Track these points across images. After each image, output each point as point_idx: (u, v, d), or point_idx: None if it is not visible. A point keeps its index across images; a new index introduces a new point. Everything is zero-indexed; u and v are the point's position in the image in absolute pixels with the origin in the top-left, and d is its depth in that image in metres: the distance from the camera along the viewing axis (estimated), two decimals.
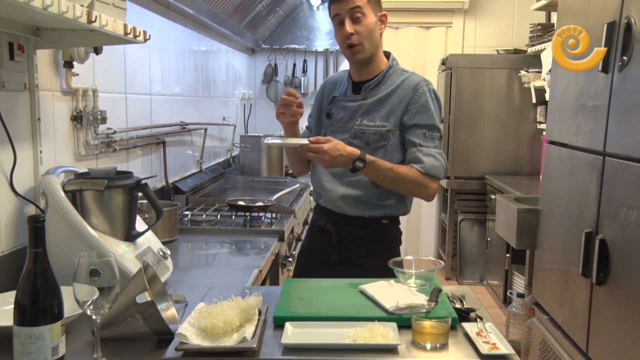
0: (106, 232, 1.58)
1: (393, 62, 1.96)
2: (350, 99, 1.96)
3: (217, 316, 1.23)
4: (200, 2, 2.94)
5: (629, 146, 1.68)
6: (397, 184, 1.87)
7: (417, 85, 1.89)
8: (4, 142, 1.52)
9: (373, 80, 1.93)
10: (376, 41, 1.89)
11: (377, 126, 1.90)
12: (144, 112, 2.58)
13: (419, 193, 1.91)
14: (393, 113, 1.89)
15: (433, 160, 1.86)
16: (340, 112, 1.97)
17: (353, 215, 1.93)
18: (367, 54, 1.89)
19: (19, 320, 1.09)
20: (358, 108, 1.93)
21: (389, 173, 1.83)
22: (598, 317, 1.83)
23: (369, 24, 1.84)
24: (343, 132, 1.94)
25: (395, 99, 1.89)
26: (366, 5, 1.83)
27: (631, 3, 1.68)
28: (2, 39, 1.51)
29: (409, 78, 1.92)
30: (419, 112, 1.87)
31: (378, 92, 1.92)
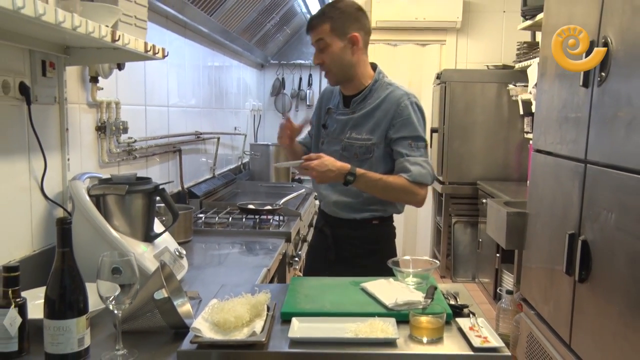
0: (127, 233, 1.58)
1: (379, 76, 1.93)
2: (341, 112, 1.96)
3: (229, 312, 1.23)
4: (214, 22, 2.95)
5: (608, 154, 1.68)
6: (388, 192, 1.86)
7: (399, 99, 1.86)
8: (36, 150, 1.53)
9: (360, 95, 1.91)
10: (347, 63, 1.86)
11: (363, 139, 1.89)
12: (162, 123, 2.59)
13: (409, 200, 1.90)
14: (378, 127, 1.87)
15: (420, 169, 1.83)
16: (333, 124, 1.98)
17: (345, 218, 1.95)
18: (339, 78, 1.90)
19: (48, 313, 1.10)
20: (348, 121, 1.93)
21: (379, 183, 1.82)
22: (580, 312, 1.82)
23: (333, 52, 1.83)
24: (335, 143, 1.95)
25: (380, 112, 1.87)
26: (328, 34, 1.82)
27: (608, 25, 1.68)
28: (36, 57, 1.52)
29: (393, 92, 1.89)
30: (403, 126, 1.85)
31: (365, 106, 1.90)
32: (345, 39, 1.83)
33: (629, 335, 1.52)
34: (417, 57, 4.98)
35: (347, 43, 1.84)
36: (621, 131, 1.60)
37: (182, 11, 2.51)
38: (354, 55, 1.86)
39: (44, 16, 1.10)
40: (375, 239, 1.96)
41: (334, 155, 1.88)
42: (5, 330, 1.12)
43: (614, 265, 1.62)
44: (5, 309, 1.12)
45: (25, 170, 1.51)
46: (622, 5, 1.61)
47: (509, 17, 4.79)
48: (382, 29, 4.86)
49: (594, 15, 1.77)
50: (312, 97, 5.11)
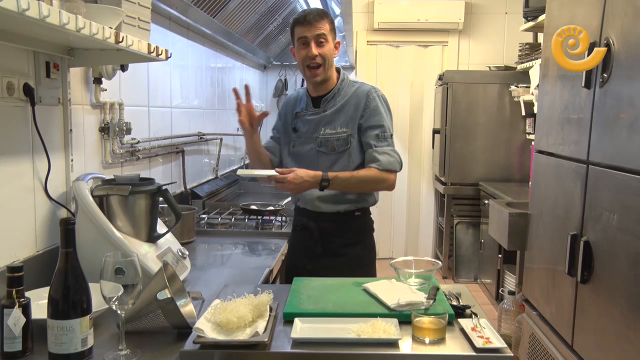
0: (130, 234, 1.59)
1: (344, 76, 2.06)
2: (312, 113, 2.05)
3: (232, 312, 1.23)
4: (217, 24, 2.96)
5: (610, 155, 1.68)
6: (362, 186, 1.98)
7: (368, 92, 2.00)
8: (40, 151, 1.53)
9: (329, 94, 2.02)
10: (331, 63, 2.01)
11: (339, 133, 1.99)
12: (164, 124, 2.59)
13: (382, 187, 2.02)
14: (351, 119, 1.98)
15: (388, 157, 1.96)
16: (305, 125, 2.05)
17: (330, 211, 2.02)
18: (325, 75, 2.00)
19: (52, 313, 1.10)
20: (320, 119, 2.02)
21: (351, 180, 1.94)
22: (582, 313, 1.82)
23: (329, 49, 1.97)
24: (310, 142, 2.03)
25: (351, 106, 1.99)
26: (329, 33, 1.96)
27: (610, 26, 1.68)
28: (40, 58, 1.53)
29: (360, 87, 2.03)
30: (371, 116, 1.97)
31: (335, 104, 2.01)
32: (334, 43, 2.01)
33: (631, 337, 1.52)
34: (419, 59, 4.98)
35: (334, 46, 2.00)
36: (623, 132, 1.59)
37: (185, 13, 2.52)
38: (333, 58, 2.02)
39: (49, 18, 1.11)
40: (359, 230, 2.07)
41: (310, 153, 2.02)
42: (10, 330, 1.13)
43: (616, 266, 1.61)
44: (10, 308, 1.13)
45: (29, 171, 1.52)
46: (624, 7, 1.61)
47: (511, 18, 4.79)
48: (384, 30, 4.86)
49: (596, 17, 1.76)
50: None
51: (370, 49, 4.97)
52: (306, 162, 2.01)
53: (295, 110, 2.09)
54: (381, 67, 4.99)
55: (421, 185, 5.13)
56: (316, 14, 1.95)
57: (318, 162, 2.00)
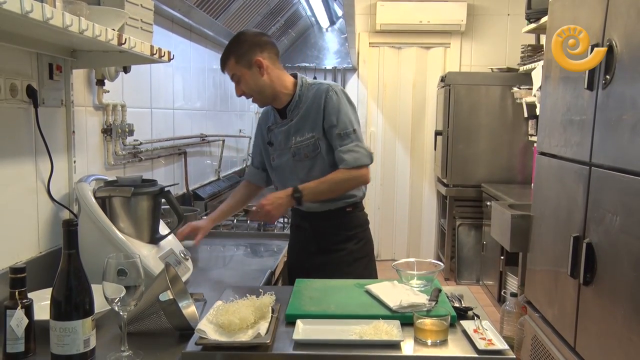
0: (132, 235, 1.59)
1: (301, 81, 2.04)
2: (280, 125, 2.04)
3: (234, 313, 1.23)
4: (220, 25, 2.96)
5: (613, 157, 1.68)
6: (335, 189, 1.96)
7: (325, 92, 1.96)
8: (42, 152, 1.54)
9: (291, 103, 2.00)
10: (262, 85, 1.95)
11: (307, 139, 1.97)
12: (167, 125, 2.60)
13: (355, 184, 2.00)
14: (315, 123, 1.96)
15: (353, 154, 1.93)
16: (277, 137, 2.05)
17: (321, 210, 2.02)
18: (263, 100, 2.01)
19: (54, 314, 1.10)
20: (289, 129, 2.01)
21: (322, 186, 1.93)
22: (585, 315, 1.81)
23: (247, 81, 1.94)
24: (285, 153, 2.03)
25: (313, 110, 1.97)
26: (235, 68, 1.93)
27: (612, 28, 1.68)
28: (43, 60, 1.53)
29: (318, 88, 1.99)
30: (330, 114, 1.94)
31: (299, 110, 1.99)
32: (250, 66, 1.93)
33: (634, 339, 1.51)
34: (422, 60, 4.98)
35: (255, 68, 1.94)
36: (626, 134, 1.59)
37: (188, 15, 2.52)
38: (265, 76, 1.96)
39: (52, 20, 1.11)
40: (352, 226, 2.06)
41: (288, 164, 2.02)
42: (12, 331, 1.13)
43: (619, 268, 1.61)
44: (12, 310, 1.13)
45: (32, 173, 1.52)
46: (627, 8, 1.61)
47: (513, 20, 4.78)
48: (386, 32, 4.86)
49: (599, 18, 1.76)
50: None
51: (372, 50, 4.97)
52: (286, 173, 2.04)
53: (267, 125, 2.10)
54: (383, 69, 4.99)
55: (423, 186, 5.13)
56: (221, 58, 1.97)
57: (296, 170, 2.01)
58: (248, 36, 1.97)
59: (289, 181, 2.02)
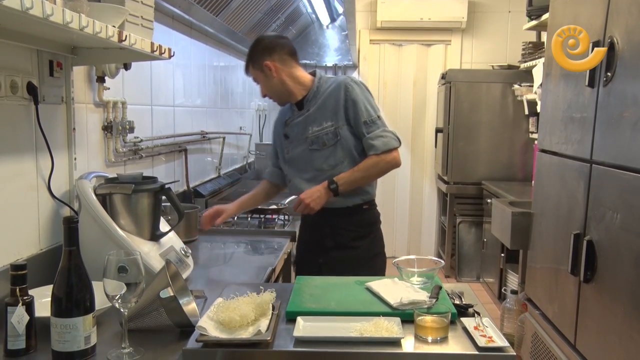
0: (133, 232, 1.59)
1: (320, 75, 2.14)
2: (297, 116, 2.12)
3: (234, 310, 1.23)
4: (220, 22, 2.96)
5: (613, 155, 1.67)
6: (369, 175, 2.05)
7: (344, 84, 2.04)
8: (43, 150, 1.54)
9: (309, 94, 2.09)
10: (276, 85, 2.08)
11: (325, 128, 2.04)
12: (167, 122, 2.59)
13: (387, 168, 2.06)
14: (334, 113, 2.04)
15: (382, 139, 2.01)
16: (294, 129, 2.12)
17: (339, 206, 2.07)
18: (279, 99, 2.14)
19: (55, 311, 1.11)
20: (306, 119, 2.09)
21: (356, 174, 2.01)
22: (585, 312, 1.81)
23: (262, 83, 2.10)
24: (301, 143, 2.10)
25: (332, 100, 2.05)
26: (253, 72, 2.10)
27: (614, 25, 1.68)
28: (43, 57, 1.53)
29: (336, 80, 2.09)
30: (354, 107, 2.02)
31: (317, 101, 2.08)
32: (262, 70, 2.07)
33: (634, 336, 1.52)
34: (422, 57, 4.97)
35: (266, 72, 2.07)
36: (627, 131, 1.59)
37: (188, 12, 2.52)
38: (277, 77, 2.07)
39: (52, 17, 1.11)
40: (368, 223, 2.15)
41: (303, 154, 2.08)
42: (13, 328, 1.13)
43: (620, 266, 1.61)
44: (13, 306, 1.13)
45: (32, 170, 1.52)
46: (628, 5, 1.61)
47: (514, 17, 4.78)
48: (387, 29, 4.85)
49: (600, 16, 1.76)
50: None
51: (373, 47, 4.96)
52: (301, 164, 2.10)
53: (285, 119, 2.17)
54: (384, 66, 4.99)
55: (424, 184, 5.13)
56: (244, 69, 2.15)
57: (312, 160, 2.07)
58: (261, 41, 2.11)
59: (303, 172, 2.09)
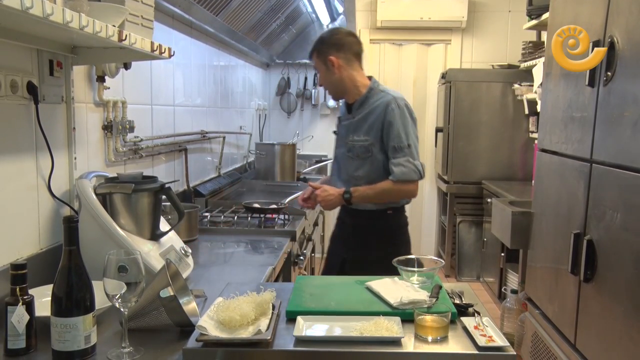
0: (133, 232, 1.59)
1: (374, 84, 2.19)
2: (345, 118, 2.24)
3: (234, 310, 1.23)
4: (220, 22, 2.96)
5: (614, 154, 1.67)
6: (380, 197, 2.13)
7: (387, 104, 2.11)
8: (43, 149, 1.53)
9: (357, 101, 2.19)
10: (334, 81, 2.18)
11: (361, 140, 2.14)
12: (167, 122, 2.59)
13: (399, 197, 2.16)
14: (372, 129, 2.12)
15: (402, 168, 2.08)
16: (341, 129, 2.26)
17: (363, 209, 2.18)
18: (333, 93, 2.26)
19: (55, 311, 1.11)
20: (349, 125, 2.20)
21: (370, 192, 2.12)
22: (585, 312, 1.81)
23: (322, 75, 2.21)
24: (342, 145, 2.23)
25: (373, 116, 2.13)
26: (317, 62, 2.20)
27: (614, 24, 1.67)
28: (43, 56, 1.53)
29: (383, 98, 2.14)
30: (388, 128, 2.10)
31: (362, 111, 2.17)
32: (327, 63, 2.17)
33: (634, 336, 1.52)
34: (422, 57, 4.97)
35: (329, 66, 2.16)
36: (627, 131, 1.59)
37: (188, 11, 2.52)
38: (337, 74, 2.17)
39: (52, 16, 1.11)
40: (390, 228, 2.22)
41: (343, 156, 2.22)
42: (13, 327, 1.13)
43: (620, 265, 1.61)
44: (13, 306, 1.13)
45: (32, 169, 1.52)
46: (628, 4, 1.61)
47: (514, 16, 4.77)
48: (387, 28, 4.85)
49: (600, 15, 1.76)
50: (317, 97, 5.11)
51: (373, 47, 4.96)
52: (339, 164, 2.26)
53: (338, 115, 2.33)
54: (384, 66, 4.99)
55: (424, 183, 5.13)
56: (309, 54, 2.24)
57: (347, 165, 2.20)
58: (333, 35, 2.20)
59: (339, 172, 2.24)
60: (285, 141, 4.32)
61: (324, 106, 5.14)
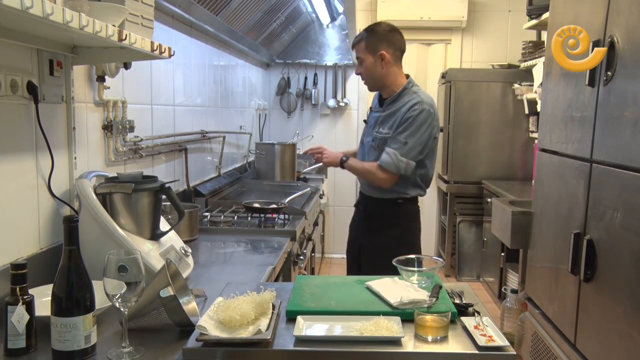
0: (133, 232, 1.59)
1: (408, 85, 2.34)
2: (376, 110, 2.42)
3: (234, 310, 1.23)
4: (220, 21, 2.95)
5: (614, 154, 1.67)
6: (362, 174, 2.40)
7: (413, 104, 2.26)
8: (43, 149, 1.53)
9: (390, 98, 2.35)
10: (378, 75, 2.32)
11: (384, 133, 2.32)
12: (167, 122, 2.59)
13: (374, 180, 2.33)
14: (394, 124, 2.29)
15: (387, 158, 2.26)
16: (371, 119, 2.45)
17: (376, 197, 2.40)
18: (371, 85, 2.39)
19: (55, 311, 1.11)
20: (378, 118, 2.38)
21: (357, 165, 2.39)
22: (585, 312, 1.81)
23: (367, 66, 2.32)
24: (369, 135, 2.43)
25: (399, 114, 2.28)
26: (364, 52, 2.31)
27: (614, 24, 1.67)
28: (44, 56, 1.53)
29: (412, 98, 2.28)
30: (402, 124, 2.25)
31: (392, 107, 2.32)
32: (376, 55, 2.29)
33: (634, 335, 1.52)
34: (422, 57, 4.97)
35: (377, 59, 2.29)
36: (627, 131, 1.59)
37: (188, 11, 2.52)
38: (384, 69, 2.31)
39: (52, 16, 1.11)
40: (399, 215, 2.39)
41: (367, 145, 2.42)
42: (13, 327, 1.13)
43: (620, 265, 1.61)
44: (13, 306, 1.13)
45: (32, 169, 1.52)
46: (629, 4, 1.61)
47: (514, 16, 4.77)
48: None
49: (600, 15, 1.76)
50: (317, 96, 5.11)
51: None
52: (364, 150, 2.45)
53: (370, 105, 2.52)
54: None
55: None
56: (355, 39, 2.36)
57: (369, 153, 2.39)
58: (382, 29, 2.32)
59: (363, 158, 2.45)
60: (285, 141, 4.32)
61: (324, 106, 5.14)
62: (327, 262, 5.00)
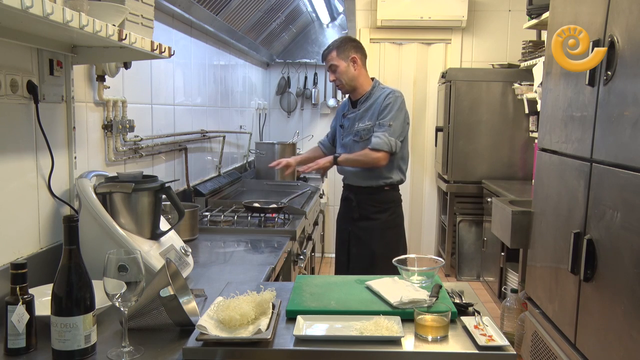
0: (133, 231, 1.59)
1: (376, 83, 2.73)
2: (351, 112, 2.74)
3: (234, 309, 1.23)
4: (220, 21, 2.95)
5: (614, 153, 1.67)
6: (357, 161, 2.64)
7: (387, 94, 2.64)
8: (43, 148, 1.53)
9: (363, 97, 2.71)
10: (352, 75, 2.67)
11: (366, 125, 2.66)
12: (168, 121, 2.59)
13: (370, 162, 2.60)
14: (373, 115, 2.65)
15: (377, 139, 2.57)
16: (347, 122, 2.75)
17: (364, 185, 2.70)
18: (348, 87, 2.70)
19: (55, 310, 1.11)
20: (355, 117, 2.71)
21: (351, 157, 2.65)
22: (585, 311, 1.81)
23: (341, 70, 2.67)
24: (349, 134, 2.72)
25: (377, 105, 2.64)
26: (337, 59, 2.66)
27: (614, 23, 1.67)
28: (44, 56, 1.53)
29: (384, 91, 2.67)
30: (383, 110, 2.61)
31: (367, 104, 2.68)
32: (348, 60, 2.66)
33: (634, 335, 1.52)
34: (422, 56, 4.97)
35: (349, 62, 2.66)
36: (627, 130, 1.59)
37: (188, 10, 2.52)
38: (356, 70, 2.67)
39: (52, 15, 1.11)
40: (387, 200, 2.71)
41: (350, 142, 2.71)
42: (13, 327, 1.13)
43: (620, 264, 1.61)
44: (13, 305, 1.13)
45: (32, 168, 1.52)
46: (629, 4, 1.60)
47: (514, 16, 4.77)
48: (387, 28, 4.85)
49: (600, 14, 1.76)
50: (317, 96, 5.11)
51: (373, 46, 4.96)
52: (347, 149, 2.72)
53: (342, 112, 2.80)
54: (384, 65, 4.98)
55: (424, 183, 5.13)
56: (325, 51, 2.70)
57: (355, 148, 2.67)
58: (351, 39, 2.72)
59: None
60: (285, 140, 4.32)
61: (324, 105, 5.14)
62: (327, 262, 5.00)
